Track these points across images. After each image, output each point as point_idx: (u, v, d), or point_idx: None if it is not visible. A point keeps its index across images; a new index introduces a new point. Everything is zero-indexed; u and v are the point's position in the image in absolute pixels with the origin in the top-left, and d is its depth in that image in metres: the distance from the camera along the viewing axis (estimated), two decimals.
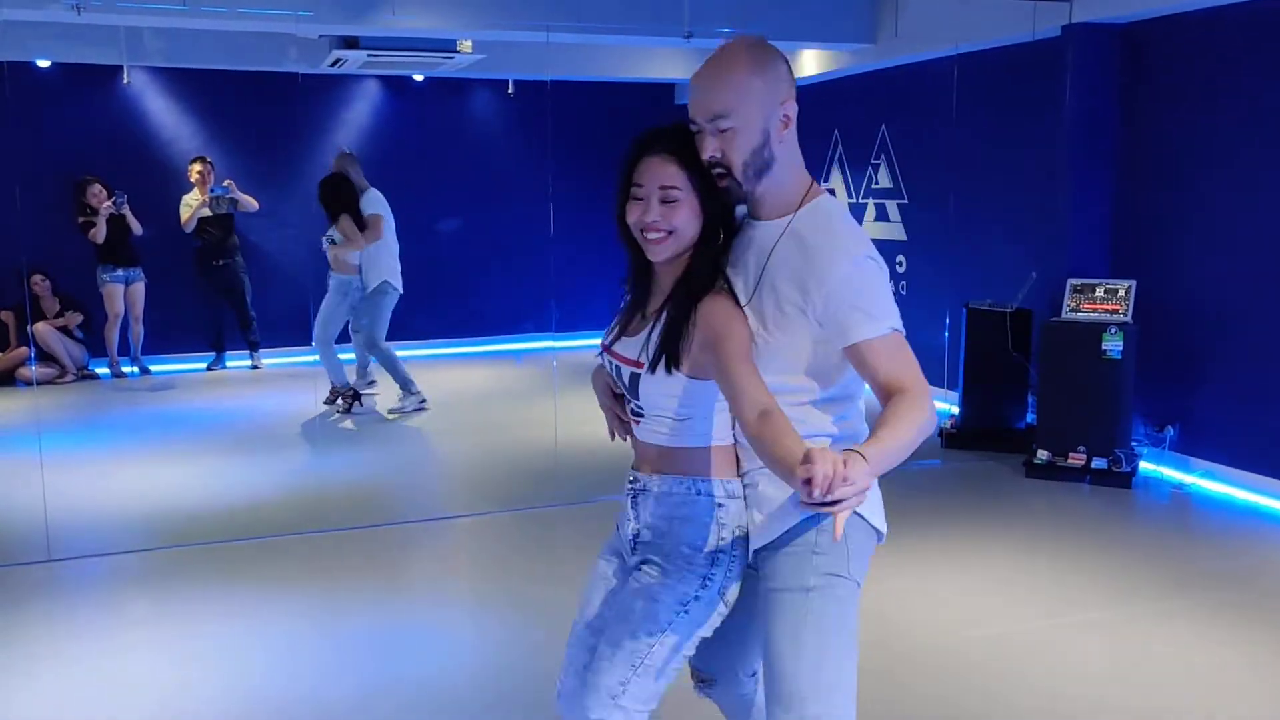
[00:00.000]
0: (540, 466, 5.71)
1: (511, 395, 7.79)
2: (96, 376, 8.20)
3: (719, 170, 1.82)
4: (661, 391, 1.87)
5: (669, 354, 1.83)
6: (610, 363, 1.98)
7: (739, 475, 1.94)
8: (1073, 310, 5.48)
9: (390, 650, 3.49)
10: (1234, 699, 3.16)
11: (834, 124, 8.13)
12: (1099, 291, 5.45)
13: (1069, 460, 5.38)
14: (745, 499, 1.93)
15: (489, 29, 6.44)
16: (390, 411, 6.86)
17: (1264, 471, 5.06)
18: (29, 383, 7.75)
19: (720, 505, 1.90)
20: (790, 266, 1.81)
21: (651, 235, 1.84)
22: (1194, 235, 5.39)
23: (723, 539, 1.90)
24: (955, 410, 6.35)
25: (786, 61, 1.86)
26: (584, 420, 6.28)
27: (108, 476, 5.61)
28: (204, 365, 8.58)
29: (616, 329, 1.99)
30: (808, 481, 1.48)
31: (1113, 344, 5.28)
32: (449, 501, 5.32)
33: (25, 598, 3.98)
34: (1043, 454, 5.46)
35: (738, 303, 1.85)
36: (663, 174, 1.81)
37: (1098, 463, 5.31)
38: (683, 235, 1.83)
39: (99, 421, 6.98)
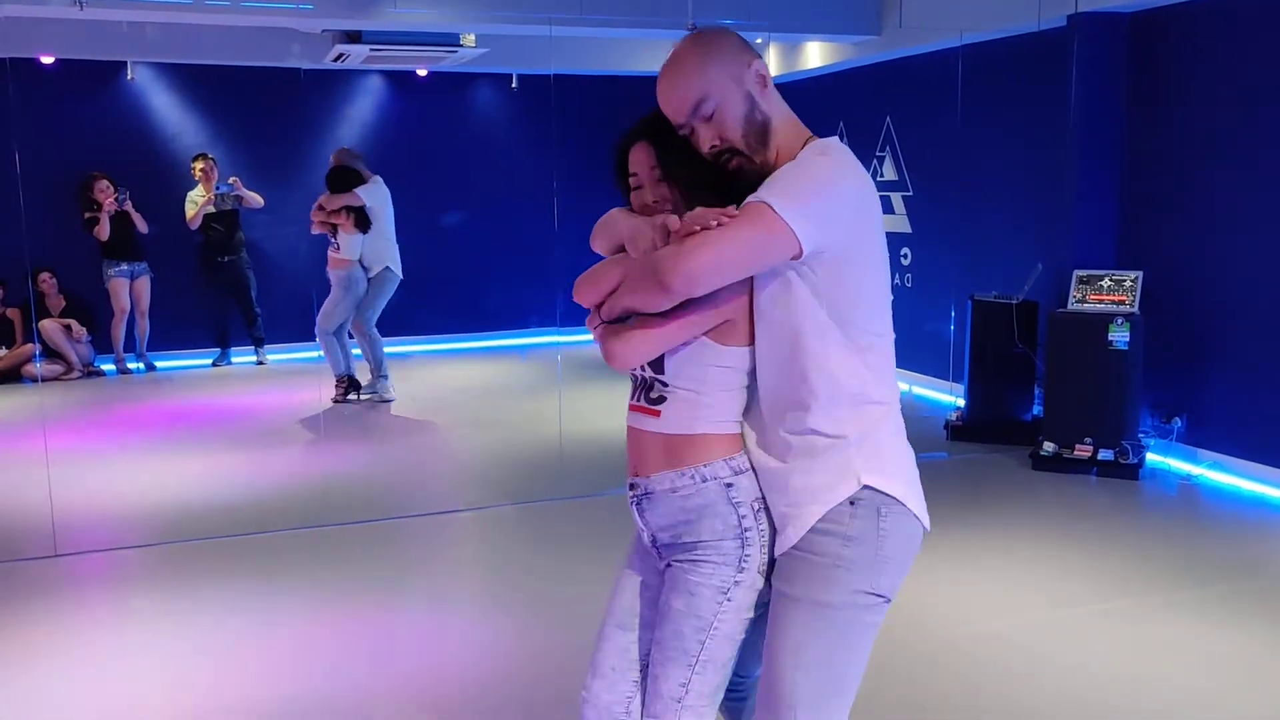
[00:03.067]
0: (545, 461, 5.71)
1: (516, 390, 7.78)
2: (102, 373, 8.21)
3: (726, 154, 1.80)
4: (689, 360, 1.83)
5: None
6: None
7: (744, 449, 1.86)
8: (1079, 301, 5.45)
9: (396, 645, 3.49)
10: (1245, 688, 3.14)
11: (838, 116, 8.09)
12: (1105, 282, 5.43)
13: (1076, 452, 5.36)
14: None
15: (491, 23, 6.43)
16: (362, 394, 7.05)
17: (1272, 462, 5.03)
18: (35, 379, 7.76)
19: (729, 485, 1.83)
20: None
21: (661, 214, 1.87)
22: (1201, 226, 5.36)
23: (744, 516, 1.82)
24: (961, 403, 6.33)
25: (734, 33, 1.86)
26: (589, 414, 6.30)
27: (113, 472, 5.62)
28: (209, 361, 8.59)
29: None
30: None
31: (1119, 335, 5.25)
32: (454, 496, 5.31)
33: (31, 592, 3.98)
34: (1049, 446, 5.44)
35: None
36: (649, 157, 1.87)
37: (1104, 454, 5.29)
38: (681, 206, 1.84)
39: (104, 418, 6.99)
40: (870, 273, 1.80)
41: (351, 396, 7.10)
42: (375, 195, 6.86)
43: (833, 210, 1.72)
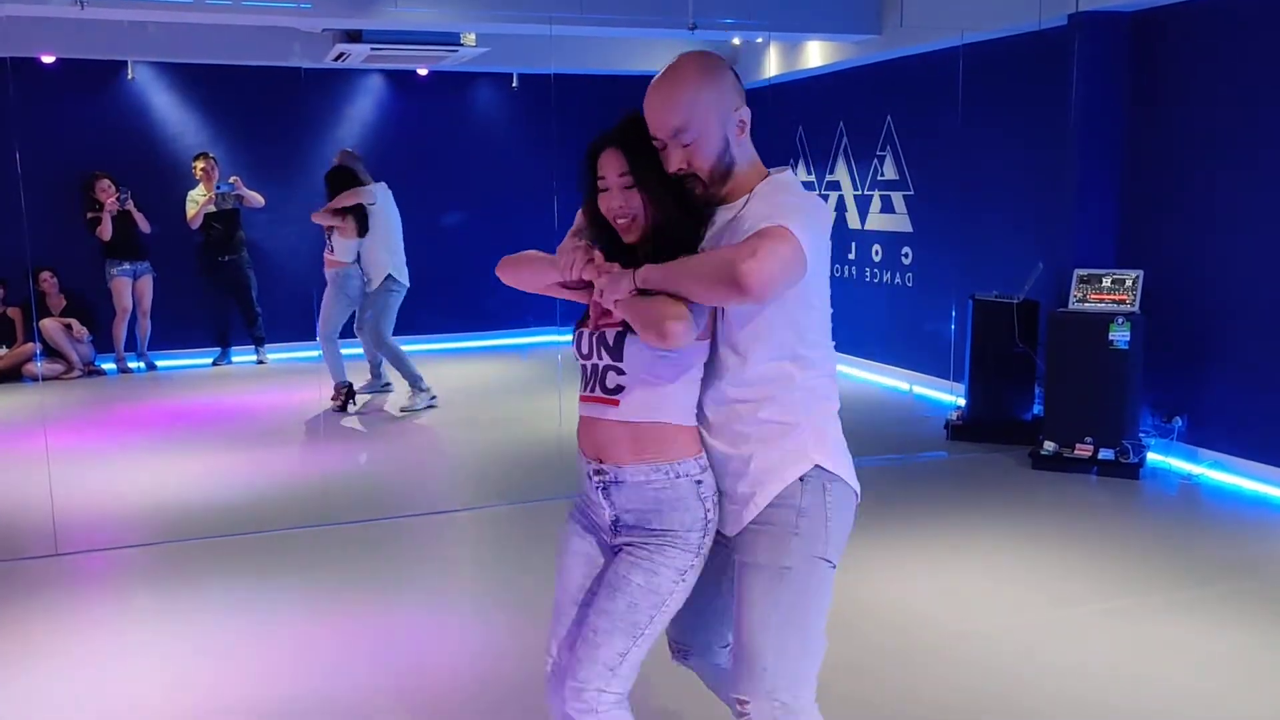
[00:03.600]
0: (545, 460, 5.70)
1: (516, 389, 7.79)
2: (103, 372, 8.22)
3: (689, 178, 1.98)
4: (648, 349, 1.95)
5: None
6: (591, 336, 2.04)
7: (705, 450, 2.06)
8: (1079, 301, 5.45)
9: (395, 644, 3.49)
10: (1245, 688, 3.14)
11: (839, 115, 8.10)
12: (1106, 282, 5.43)
13: (1076, 451, 5.36)
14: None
15: (492, 22, 6.43)
16: (402, 410, 6.85)
17: (1273, 462, 5.03)
18: (36, 378, 7.77)
19: (699, 482, 2.01)
20: (744, 227, 1.93)
21: (621, 220, 2.00)
22: (1202, 225, 5.36)
23: (708, 510, 2.02)
24: (962, 402, 6.32)
25: (734, 71, 2.02)
26: None
27: (113, 471, 5.62)
28: (209, 361, 8.60)
29: (587, 312, 2.10)
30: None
31: (1120, 334, 5.25)
32: (454, 495, 5.31)
33: (32, 591, 3.98)
34: (1049, 445, 5.44)
35: None
36: (620, 164, 1.98)
37: (1105, 454, 5.29)
38: (647, 212, 1.98)
39: (105, 417, 6.99)
40: (823, 295, 2.03)
41: (350, 406, 6.89)
42: (377, 200, 6.75)
43: (817, 240, 1.92)
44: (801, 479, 1.98)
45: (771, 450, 1.99)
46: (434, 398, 6.93)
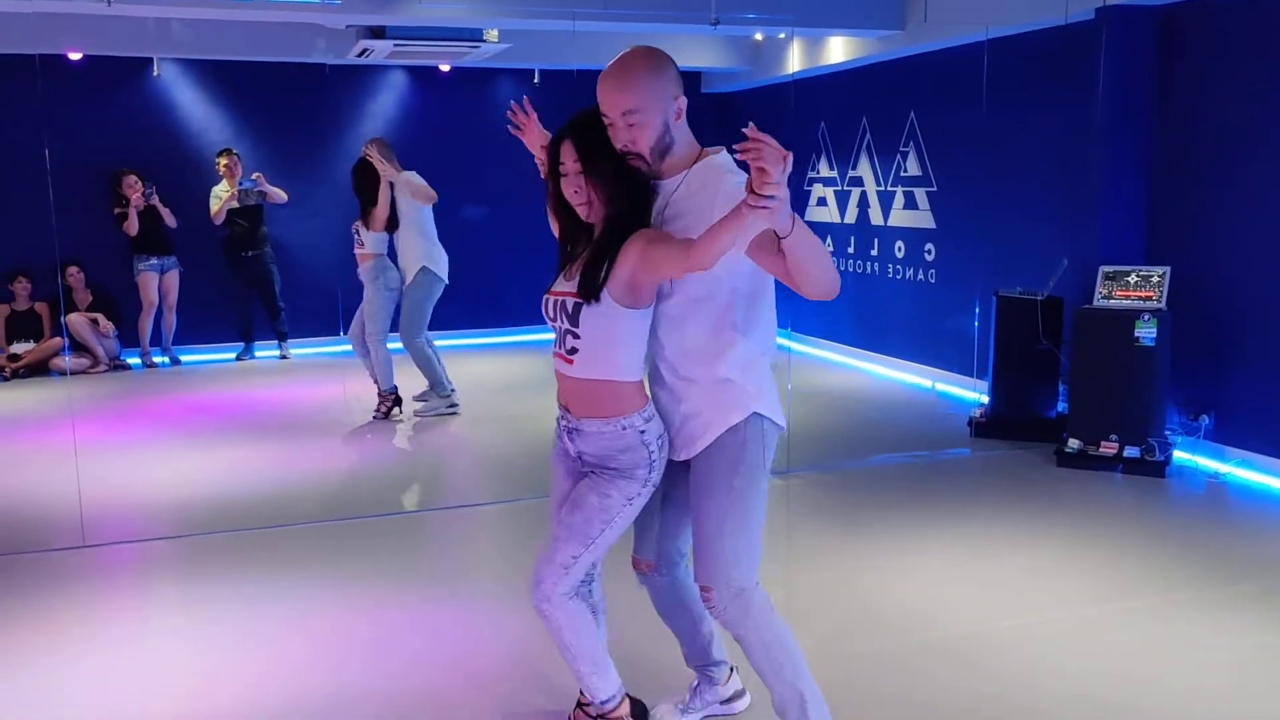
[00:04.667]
0: None
1: (536, 385, 7.79)
2: (128, 367, 8.30)
3: (631, 155, 2.32)
4: (598, 317, 2.32)
5: (592, 278, 2.30)
6: (554, 304, 2.41)
7: (650, 400, 2.48)
8: (1105, 298, 5.41)
9: (417, 636, 3.51)
10: (1272, 688, 3.11)
11: (862, 111, 8.06)
12: (1132, 278, 5.38)
13: (1101, 449, 5.31)
14: (664, 417, 2.48)
15: (514, 18, 6.43)
16: (415, 398, 6.78)
17: None
18: (63, 373, 7.86)
19: (643, 431, 2.41)
20: (689, 200, 2.34)
21: (579, 203, 2.34)
22: (1230, 221, 5.30)
23: (651, 451, 2.43)
24: (985, 399, 6.29)
25: (675, 64, 2.37)
26: None
27: (139, 465, 5.67)
28: (233, 355, 8.66)
29: (556, 278, 2.47)
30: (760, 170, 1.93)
31: (1146, 331, 5.20)
32: (475, 489, 5.33)
33: (59, 583, 4.03)
34: (1074, 443, 5.40)
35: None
36: (574, 152, 2.31)
37: (1130, 452, 5.24)
38: (597, 194, 2.32)
39: (130, 411, 7.06)
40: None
41: (396, 412, 6.63)
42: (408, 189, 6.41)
43: None
44: (745, 422, 2.42)
45: (718, 401, 2.42)
46: (452, 406, 6.69)
